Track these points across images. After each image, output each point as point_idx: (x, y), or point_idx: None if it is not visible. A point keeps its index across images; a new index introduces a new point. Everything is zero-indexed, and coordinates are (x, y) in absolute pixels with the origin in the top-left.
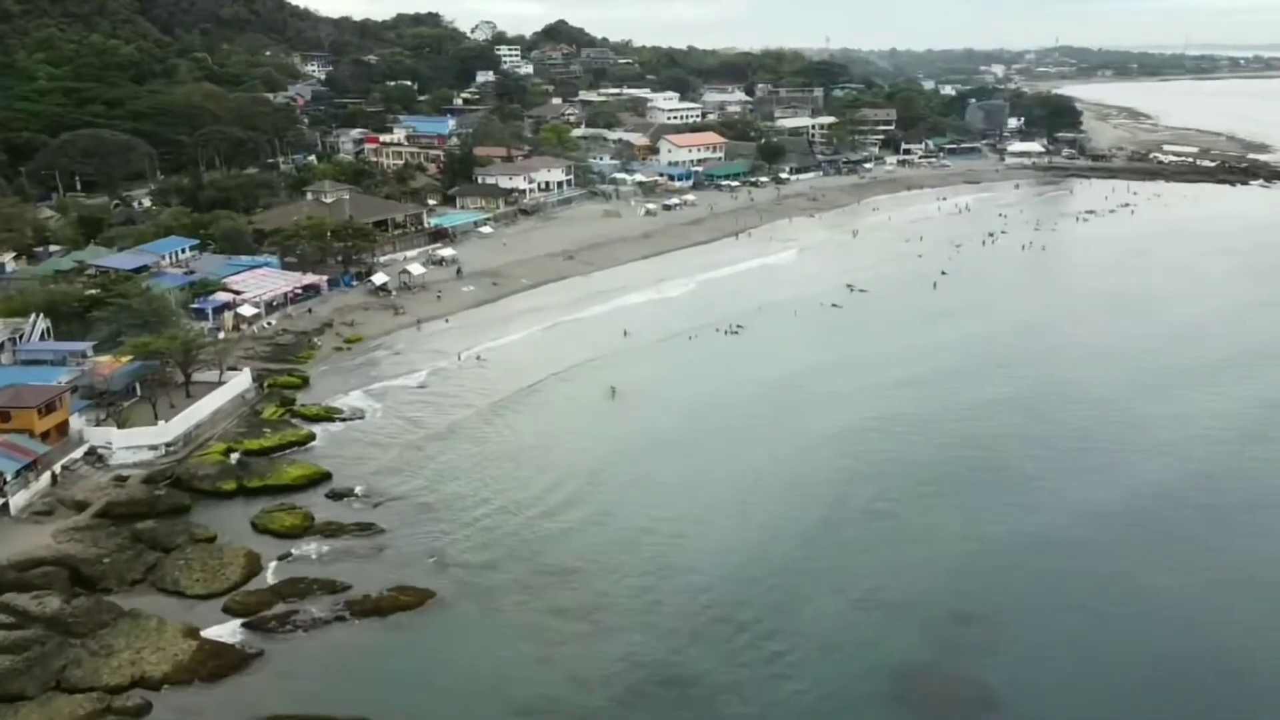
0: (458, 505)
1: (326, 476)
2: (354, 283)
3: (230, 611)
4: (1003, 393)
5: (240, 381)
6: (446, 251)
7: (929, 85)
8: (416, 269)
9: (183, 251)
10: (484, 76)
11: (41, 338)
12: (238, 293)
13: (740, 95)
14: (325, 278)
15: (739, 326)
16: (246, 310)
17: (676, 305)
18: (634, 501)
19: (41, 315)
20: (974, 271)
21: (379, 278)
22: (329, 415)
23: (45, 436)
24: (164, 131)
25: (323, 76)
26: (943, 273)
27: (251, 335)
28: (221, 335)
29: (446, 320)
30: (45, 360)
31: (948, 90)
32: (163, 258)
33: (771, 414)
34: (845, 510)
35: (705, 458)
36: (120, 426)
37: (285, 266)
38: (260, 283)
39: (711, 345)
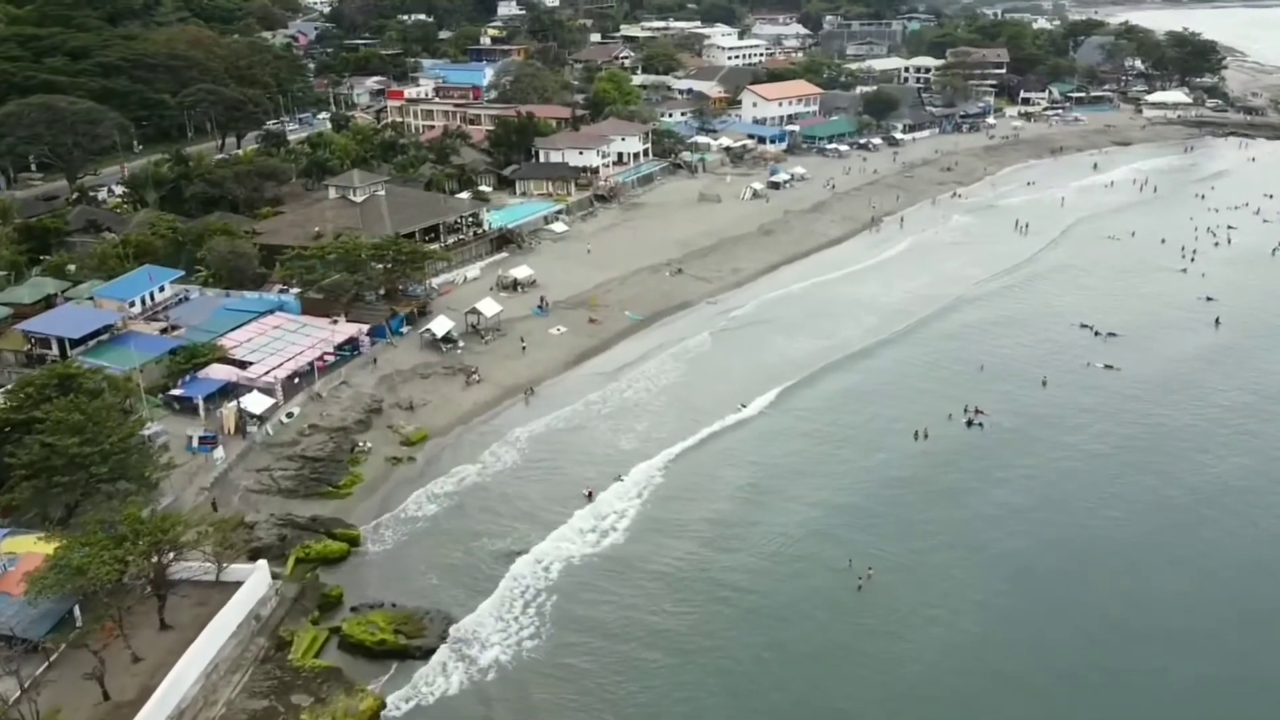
0: None
1: None
2: (404, 329)
3: None
4: None
5: (253, 585)
6: (521, 271)
7: (989, 14)
8: (489, 307)
9: (160, 289)
10: (506, 8)
11: None
12: (242, 363)
13: (798, 28)
14: (365, 326)
15: (978, 412)
16: (255, 401)
17: (857, 360)
18: None
19: None
20: (1248, 295)
21: (440, 324)
22: (404, 645)
23: None
24: (141, 89)
25: (327, 10)
26: (1208, 298)
27: (264, 441)
28: (218, 453)
29: (533, 393)
30: None
31: (1040, 24)
32: (131, 304)
33: None
34: None
35: None
36: None
37: (305, 308)
38: (274, 341)
39: (969, 454)
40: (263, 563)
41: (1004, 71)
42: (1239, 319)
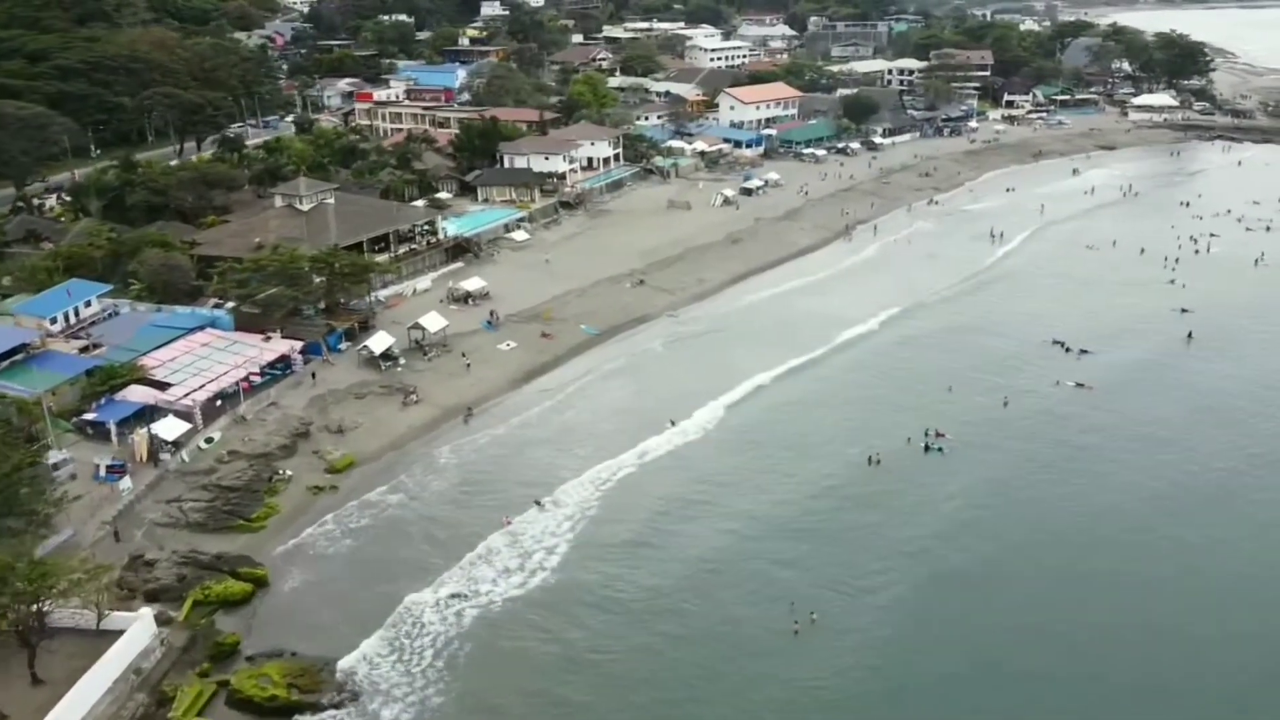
0: None
1: None
2: (342, 345)
3: None
4: None
5: (134, 635)
6: (473, 283)
7: (978, 15)
8: (434, 321)
9: (87, 304)
10: (490, 8)
11: None
12: (162, 384)
13: (784, 29)
14: (299, 343)
15: (938, 435)
16: (169, 426)
17: (815, 375)
18: None
19: None
20: (1225, 307)
21: (379, 341)
22: (297, 700)
23: None
24: (100, 93)
25: (306, 10)
26: (1183, 310)
27: (178, 469)
28: (124, 483)
29: (472, 414)
30: None
31: (1028, 25)
32: (52, 321)
33: None
34: None
35: None
36: None
37: (240, 323)
38: (200, 361)
39: (924, 486)
40: (146, 610)
41: (988, 74)
42: (1212, 332)
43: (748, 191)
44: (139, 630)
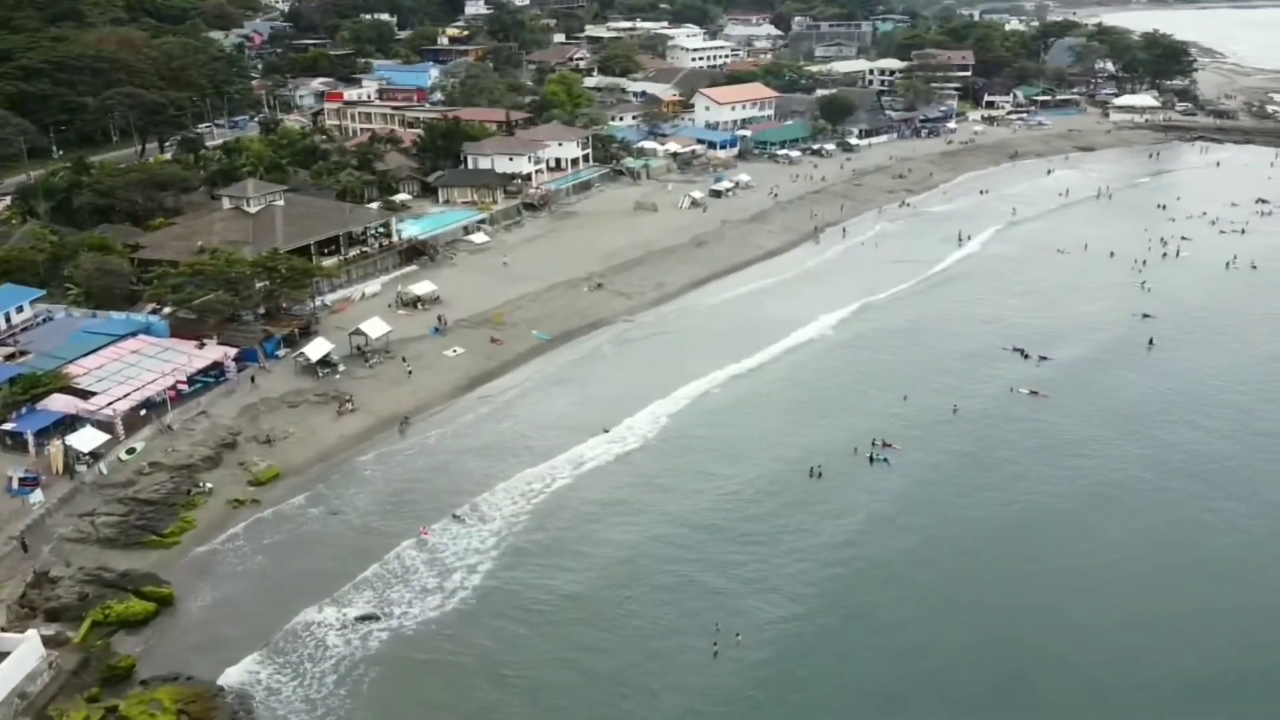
0: None
1: None
2: (280, 352)
3: None
4: None
5: (19, 658)
6: (423, 287)
7: (966, 15)
8: (376, 327)
9: (17, 310)
10: (473, 7)
11: None
12: (85, 393)
13: (769, 29)
14: (233, 350)
15: (885, 446)
16: (84, 437)
17: (766, 379)
18: None
19: None
20: (1191, 315)
21: (317, 347)
22: None
23: None
24: (63, 93)
25: (286, 9)
26: (1145, 315)
27: (95, 482)
28: (35, 497)
29: (406, 425)
30: None
31: (1013, 25)
32: None
33: None
34: None
35: None
36: None
37: (176, 329)
38: (128, 368)
39: (866, 499)
40: (32, 632)
41: (969, 74)
42: (1174, 339)
43: (717, 193)
44: (25, 652)
